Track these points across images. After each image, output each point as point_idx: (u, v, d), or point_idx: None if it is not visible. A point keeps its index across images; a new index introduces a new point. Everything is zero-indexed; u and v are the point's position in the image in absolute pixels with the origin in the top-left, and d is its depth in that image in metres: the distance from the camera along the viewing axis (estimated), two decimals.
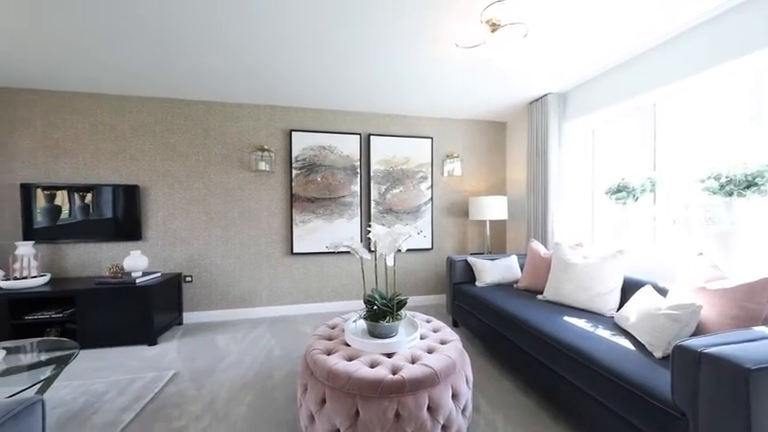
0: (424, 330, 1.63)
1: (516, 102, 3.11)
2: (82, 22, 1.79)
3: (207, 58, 2.22)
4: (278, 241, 3.19)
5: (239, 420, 1.58)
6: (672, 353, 1.04)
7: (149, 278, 2.60)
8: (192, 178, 3.01)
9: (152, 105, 2.92)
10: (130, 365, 2.15)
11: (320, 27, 1.86)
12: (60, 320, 2.41)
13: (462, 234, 3.65)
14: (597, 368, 1.33)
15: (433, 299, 3.57)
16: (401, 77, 2.53)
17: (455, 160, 3.48)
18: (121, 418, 1.57)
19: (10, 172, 2.70)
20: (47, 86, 2.68)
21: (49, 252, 2.75)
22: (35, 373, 1.39)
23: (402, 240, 1.48)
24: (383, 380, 1.18)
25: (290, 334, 2.69)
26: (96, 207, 2.79)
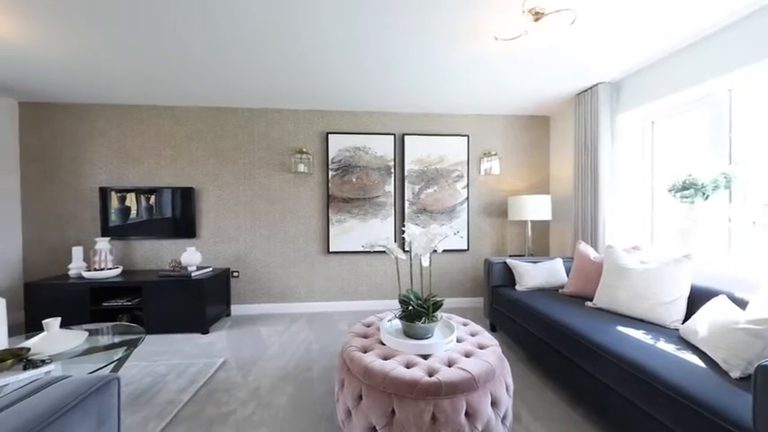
0: (460, 333, 1.59)
1: (561, 94, 2.91)
2: (146, 50, 2.06)
3: (251, 69, 2.38)
4: (315, 240, 3.31)
5: (281, 410, 1.67)
6: (754, 373, 0.90)
7: (202, 272, 2.85)
8: (239, 180, 3.23)
9: (204, 114, 3.19)
10: (187, 351, 2.37)
11: (360, 32, 1.90)
12: (130, 308, 2.73)
13: (500, 235, 3.50)
14: (659, 385, 1.20)
15: (468, 301, 3.47)
16: (439, 75, 2.49)
17: (493, 158, 3.35)
18: (180, 399, 1.73)
19: (91, 177, 3.11)
20: (119, 101, 3.05)
21: (121, 247, 3.12)
22: (110, 353, 1.58)
23: (438, 241, 1.46)
24: (419, 381, 1.17)
25: (327, 330, 2.78)
26: (158, 207, 3.12)
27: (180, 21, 1.80)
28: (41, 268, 3.06)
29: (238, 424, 1.55)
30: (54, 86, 2.70)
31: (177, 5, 1.66)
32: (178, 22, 1.81)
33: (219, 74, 2.48)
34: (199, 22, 1.82)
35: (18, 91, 2.80)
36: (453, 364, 1.31)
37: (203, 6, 1.67)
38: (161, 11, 1.72)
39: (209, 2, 1.64)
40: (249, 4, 1.66)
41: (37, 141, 3.06)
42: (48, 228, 3.08)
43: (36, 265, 3.07)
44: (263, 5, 1.67)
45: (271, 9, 1.70)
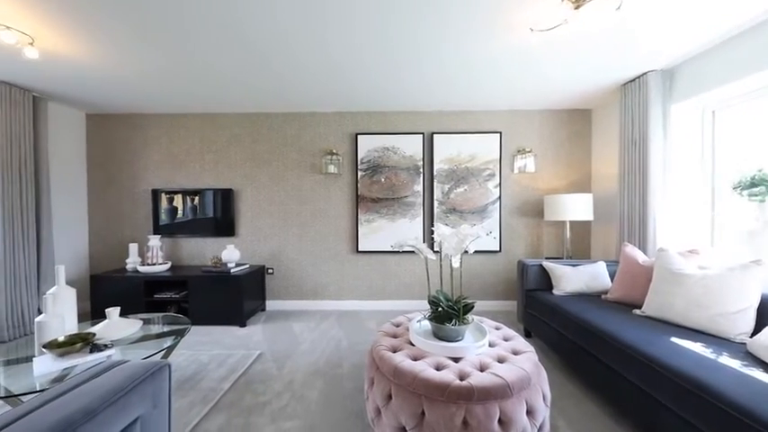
0: (493, 338, 1.54)
1: (605, 85, 2.71)
2: (191, 67, 2.22)
3: (285, 77, 2.49)
4: (345, 240, 3.38)
5: (312, 403, 1.72)
6: None
7: (241, 269, 3.02)
8: (274, 182, 3.38)
9: (242, 120, 3.38)
10: (226, 342, 2.52)
11: (391, 31, 1.90)
12: (177, 300, 2.97)
13: (535, 236, 3.33)
14: (723, 405, 1.07)
15: (500, 305, 3.34)
16: (472, 71, 2.42)
17: (528, 155, 3.20)
18: (221, 387, 1.85)
19: (144, 180, 3.42)
20: (168, 111, 3.32)
21: (169, 244, 3.40)
22: (160, 341, 1.73)
23: (470, 242, 1.42)
24: (450, 384, 1.15)
25: (356, 328, 2.82)
26: (201, 208, 3.35)
27: (221, 41, 1.95)
28: (104, 262, 3.43)
29: (273, 414, 1.62)
30: (114, 100, 3.01)
31: (217, 31, 1.78)
32: (220, 42, 1.97)
33: (256, 83, 2.63)
34: (236, 41, 1.96)
35: (85, 104, 3.15)
36: (486, 368, 1.27)
37: (240, 26, 1.78)
38: (205, 35, 1.87)
39: (246, 22, 1.74)
40: (285, 24, 1.73)
41: (100, 149, 3.43)
42: (109, 226, 3.44)
43: (99, 260, 3.44)
44: (296, 20, 1.73)
45: (304, 21, 1.76)
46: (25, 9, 1.67)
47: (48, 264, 2.83)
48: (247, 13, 1.73)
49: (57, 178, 3.08)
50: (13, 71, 2.39)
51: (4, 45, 1.93)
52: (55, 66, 2.31)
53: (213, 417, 1.60)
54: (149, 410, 0.77)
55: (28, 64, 2.25)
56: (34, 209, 2.76)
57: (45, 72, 2.41)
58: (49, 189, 2.88)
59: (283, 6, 1.67)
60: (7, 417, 0.60)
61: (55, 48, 2.06)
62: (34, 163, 2.76)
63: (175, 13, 1.74)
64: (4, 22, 1.75)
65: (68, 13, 1.72)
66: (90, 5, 1.66)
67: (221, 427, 1.53)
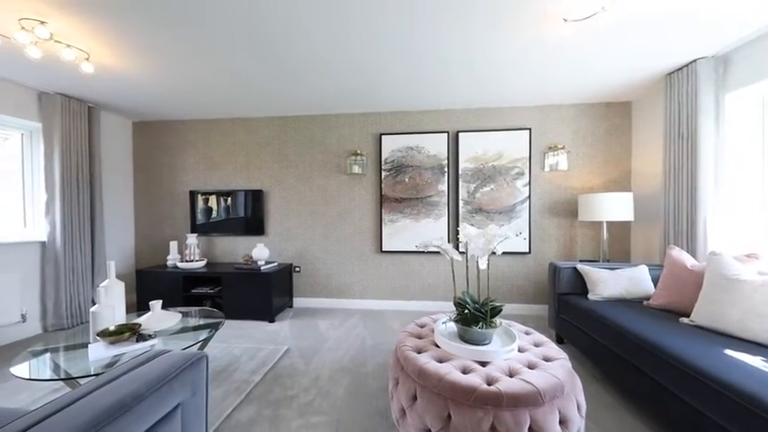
0: (522, 343, 1.48)
1: (647, 75, 2.52)
2: (227, 77, 2.33)
3: (311, 81, 2.55)
4: (369, 239, 3.40)
5: (338, 400, 1.75)
6: None
7: (270, 266, 3.14)
8: (300, 182, 3.48)
9: (271, 123, 3.51)
10: (257, 336, 2.63)
11: (416, 31, 1.89)
12: (212, 295, 3.14)
13: (568, 237, 3.17)
14: None
15: (530, 309, 3.21)
16: (500, 65, 2.34)
17: (560, 152, 3.05)
18: (252, 379, 1.93)
19: (183, 183, 3.65)
20: (204, 116, 3.53)
21: (205, 242, 3.61)
22: (197, 333, 1.83)
23: (497, 242, 1.37)
24: (477, 388, 1.12)
25: (380, 327, 2.84)
26: (234, 208, 3.52)
27: (253, 52, 2.05)
28: (148, 258, 3.70)
29: (301, 408, 1.67)
30: (157, 108, 3.24)
31: (250, 43, 1.87)
32: (252, 53, 2.08)
33: (284, 88, 2.73)
34: (267, 51, 2.05)
35: (132, 113, 3.42)
36: (515, 374, 1.23)
37: (270, 38, 1.85)
38: (239, 48, 1.98)
39: (275, 34, 1.81)
40: (310, 31, 1.78)
41: (144, 154, 3.71)
42: (152, 225, 3.71)
43: (144, 256, 3.72)
44: (322, 27, 1.77)
45: (328, 27, 1.79)
46: (83, 28, 1.85)
47: (100, 259, 3.11)
48: (277, 26, 1.80)
49: (107, 181, 3.37)
50: (71, 84, 2.65)
51: (65, 61, 2.14)
52: (107, 78, 2.53)
53: (245, 408, 1.67)
54: (189, 398, 0.82)
55: (84, 77, 2.48)
56: (89, 210, 3.04)
57: (98, 84, 2.65)
58: (101, 192, 3.15)
59: (310, 17, 1.72)
60: (68, 397, 0.66)
61: (107, 62, 2.25)
62: (89, 168, 3.04)
63: (213, 29, 1.85)
64: (66, 41, 1.94)
65: (120, 31, 1.88)
66: (140, 25, 1.80)
67: (252, 418, 1.60)
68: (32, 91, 2.73)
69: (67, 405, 0.63)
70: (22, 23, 1.74)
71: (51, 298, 2.77)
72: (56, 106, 2.76)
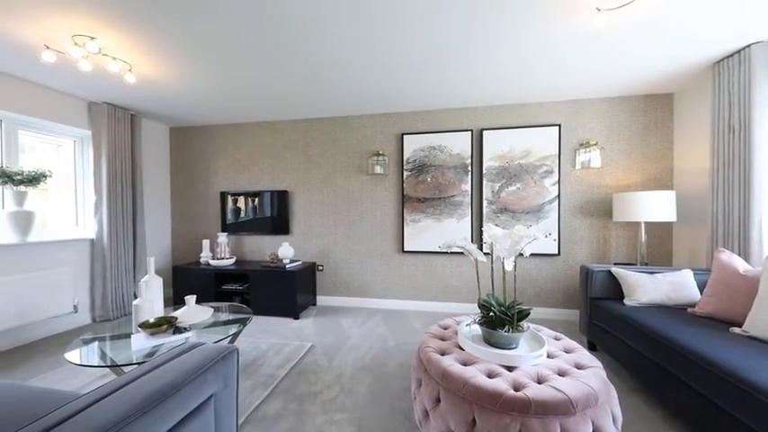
0: (552, 348, 1.42)
1: (691, 64, 2.33)
2: (256, 82, 2.43)
3: (336, 84, 2.58)
4: (390, 239, 3.41)
5: (360, 398, 1.76)
6: None
7: (295, 265, 3.23)
8: (324, 183, 3.55)
9: (296, 126, 3.61)
10: (282, 332, 2.71)
11: (439, 27, 1.87)
12: (241, 292, 3.28)
13: (601, 239, 2.99)
14: None
15: (559, 313, 3.07)
16: (527, 61, 2.26)
17: (592, 149, 2.89)
18: (278, 373, 1.99)
19: (214, 184, 3.84)
20: (234, 121, 3.69)
21: (234, 241, 3.77)
22: (227, 327, 1.92)
23: (525, 244, 1.32)
24: (503, 394, 1.09)
25: (401, 327, 2.83)
26: (260, 208, 3.66)
27: (280, 60, 2.10)
28: (183, 255, 3.93)
29: (324, 404, 1.70)
30: (192, 114, 3.43)
31: (277, 52, 1.93)
32: (279, 61, 2.13)
33: (309, 91, 2.79)
34: (292, 57, 2.09)
35: (169, 119, 3.65)
36: (544, 381, 1.18)
37: (294, 46, 1.90)
38: (268, 58, 2.04)
39: (300, 41, 1.85)
40: (334, 39, 1.80)
41: (180, 157, 3.94)
42: (186, 224, 3.94)
43: (179, 253, 3.95)
44: (345, 31, 1.79)
45: (352, 31, 1.81)
46: (127, 41, 1.99)
47: (141, 256, 3.34)
48: (303, 32, 1.85)
49: (147, 184, 3.62)
50: (116, 94, 2.87)
51: (111, 73, 2.32)
52: (147, 88, 2.71)
53: (271, 401, 1.73)
54: (221, 389, 0.86)
55: (127, 87, 2.68)
56: (131, 210, 3.27)
57: (139, 93, 2.84)
58: (142, 193, 3.39)
59: (335, 20, 1.75)
60: (115, 383, 0.72)
61: (147, 72, 2.42)
62: (131, 171, 3.28)
63: (243, 40, 1.93)
64: (112, 54, 2.10)
65: (159, 44, 2.01)
66: (177, 38, 1.91)
67: (278, 411, 1.65)
68: (83, 101, 2.98)
69: (115, 390, 0.68)
70: (75, 39, 1.90)
71: (99, 291, 3.01)
72: (103, 115, 3.00)
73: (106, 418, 0.58)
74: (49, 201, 2.89)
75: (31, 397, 0.97)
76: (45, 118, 2.69)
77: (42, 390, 1.03)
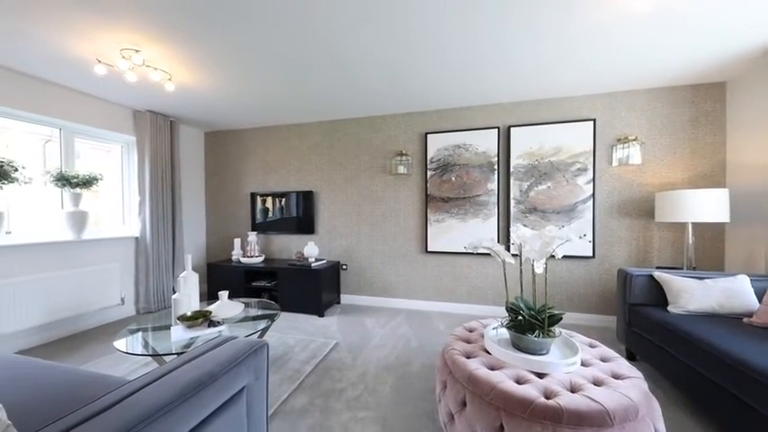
0: (586, 356, 1.35)
1: (748, 48, 2.11)
2: (287, 86, 2.51)
3: (365, 84, 2.61)
4: (413, 239, 3.39)
5: (384, 397, 1.77)
6: None
7: (320, 263, 3.30)
8: (348, 183, 3.60)
9: (321, 128, 3.68)
10: (307, 329, 2.79)
11: (479, 21, 1.82)
12: (269, 288, 3.40)
13: (641, 241, 2.79)
14: None
15: (592, 319, 2.90)
16: (559, 51, 2.14)
17: (632, 144, 2.70)
18: (304, 369, 2.05)
19: (245, 185, 4.01)
20: (263, 124, 3.84)
21: (263, 240, 3.92)
22: (257, 323, 1.99)
23: (557, 245, 1.26)
24: (534, 401, 1.04)
25: (425, 328, 2.80)
26: (287, 208, 3.77)
27: (313, 60, 2.15)
28: (217, 253, 4.15)
29: (349, 402, 1.72)
30: (224, 119, 3.61)
31: (310, 52, 1.98)
32: (312, 62, 2.18)
33: (339, 91, 2.83)
34: (330, 59, 2.15)
35: (204, 124, 3.86)
36: (577, 390, 1.12)
37: (324, 46, 1.94)
38: (300, 59, 2.09)
39: (329, 41, 1.89)
40: (372, 44, 1.82)
41: (213, 160, 4.16)
42: (220, 223, 4.15)
43: (213, 251, 4.18)
44: (381, 35, 1.81)
45: (389, 36, 1.82)
46: (167, 53, 2.14)
47: (180, 253, 3.56)
48: (335, 33, 1.88)
49: (184, 185, 3.85)
50: (157, 102, 3.08)
51: (153, 82, 2.49)
52: (184, 95, 2.89)
53: (298, 395, 1.78)
54: (253, 381, 0.89)
55: (167, 95, 2.87)
56: (171, 210, 3.50)
57: (177, 101, 3.04)
58: (180, 194, 3.61)
59: (370, 23, 1.77)
60: (159, 372, 0.77)
61: (185, 81, 2.57)
62: (171, 174, 3.51)
63: (274, 48, 2.01)
64: (154, 65, 2.26)
65: (195, 54, 2.13)
66: (212, 47, 2.02)
67: (305, 405, 1.69)
68: (128, 110, 3.23)
69: (158, 378, 0.73)
70: (122, 53, 2.07)
71: (142, 285, 3.25)
72: (146, 122, 3.24)
73: (153, 403, 0.62)
74: (99, 201, 3.17)
75: (86, 381, 1.06)
76: (97, 126, 2.95)
77: (96, 374, 1.13)
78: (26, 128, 2.61)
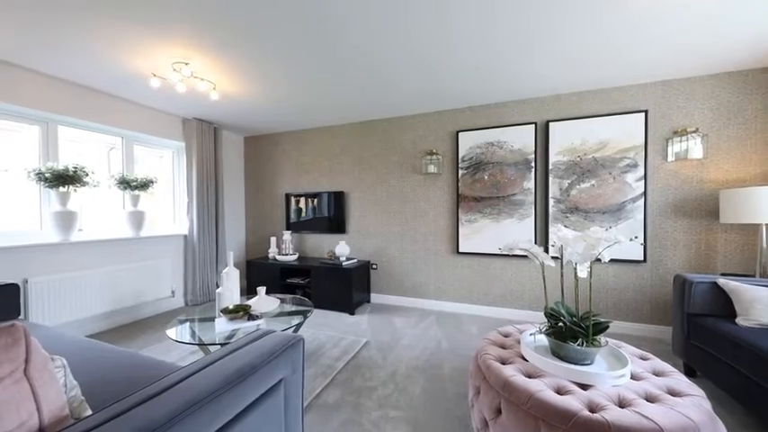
0: (637, 369, 1.24)
1: None
2: (319, 92, 2.58)
3: (399, 84, 2.61)
4: (444, 240, 3.33)
5: (415, 398, 1.75)
6: None
7: (350, 262, 3.36)
8: (377, 184, 3.63)
9: (352, 129, 3.75)
10: (339, 327, 2.85)
11: (532, 10, 1.77)
12: (303, 286, 3.53)
13: (703, 244, 2.50)
14: None
15: (643, 329, 2.65)
16: (606, 37, 1.98)
17: (691, 137, 2.43)
18: (336, 365, 2.10)
19: (280, 186, 4.20)
20: (296, 128, 3.99)
21: (296, 238, 4.08)
22: (291, 318, 2.07)
23: (604, 248, 1.17)
24: (577, 414, 0.98)
25: (456, 331, 2.74)
26: (319, 208, 3.89)
27: (345, 66, 2.21)
28: (255, 250, 4.39)
29: (380, 400, 1.74)
30: (262, 125, 3.81)
31: (345, 54, 2.03)
32: (347, 63, 2.23)
33: (370, 92, 2.86)
34: (365, 60, 2.18)
35: (244, 130, 4.10)
36: (627, 405, 1.03)
37: (358, 50, 1.97)
38: (334, 63, 2.15)
39: (365, 45, 1.92)
40: (418, 43, 1.83)
41: (252, 163, 4.40)
42: (257, 223, 4.38)
43: (252, 249, 4.42)
44: (427, 33, 1.80)
45: (436, 34, 1.81)
46: (213, 64, 2.30)
47: (222, 250, 3.82)
48: (380, 33, 1.90)
49: (226, 187, 4.11)
50: (202, 110, 3.32)
51: (200, 92, 2.69)
52: (227, 103, 3.09)
53: (330, 390, 1.83)
54: (290, 374, 0.93)
55: (211, 104, 3.09)
56: (214, 210, 3.76)
57: (220, 109, 3.25)
58: (222, 195, 3.87)
59: (418, 23, 1.77)
60: (205, 360, 0.83)
61: (228, 90, 2.75)
62: (215, 176, 3.77)
63: (312, 54, 2.08)
64: (200, 76, 2.44)
65: (237, 65, 2.27)
66: (253, 58, 2.14)
67: (337, 401, 1.73)
68: (178, 118, 3.52)
69: (206, 366, 0.79)
70: (173, 66, 2.25)
71: (190, 279, 3.53)
72: (193, 129, 3.51)
73: (203, 389, 0.67)
74: (154, 202, 3.48)
75: (145, 365, 1.18)
76: (152, 134, 3.25)
77: (152, 359, 1.25)
78: (94, 137, 2.94)
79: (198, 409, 0.63)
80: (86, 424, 0.57)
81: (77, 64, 2.30)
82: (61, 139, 2.66)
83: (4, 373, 0.56)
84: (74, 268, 2.60)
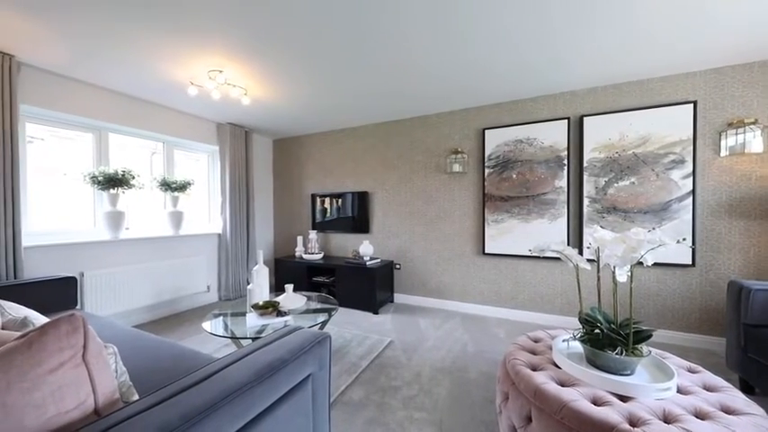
0: (684, 382, 1.14)
1: None
2: (339, 95, 2.64)
3: (414, 79, 2.59)
4: (470, 240, 3.25)
5: (440, 401, 1.73)
6: None
7: (374, 262, 3.38)
8: (401, 184, 3.62)
9: (376, 129, 3.77)
10: (363, 325, 2.87)
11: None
12: (328, 284, 3.60)
13: (762, 248, 2.26)
14: None
15: (691, 339, 2.44)
16: (651, 23, 1.84)
17: (749, 129, 2.19)
18: (361, 363, 2.12)
19: (306, 187, 4.32)
20: (321, 130, 4.08)
21: (322, 238, 4.17)
22: (317, 315, 2.12)
23: (647, 251, 1.09)
24: (616, 427, 0.92)
25: (482, 334, 2.67)
26: (343, 208, 3.95)
27: (370, 69, 2.23)
28: (282, 249, 4.54)
29: (405, 401, 1.73)
30: (290, 127, 3.94)
31: (371, 56, 2.05)
32: (373, 64, 2.25)
33: (400, 93, 2.86)
34: (384, 65, 2.19)
35: (272, 132, 4.26)
36: (672, 421, 0.96)
37: (382, 51, 1.98)
38: (357, 63, 2.17)
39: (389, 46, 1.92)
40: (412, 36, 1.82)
41: (280, 165, 4.55)
42: (285, 222, 4.53)
43: (280, 247, 4.58)
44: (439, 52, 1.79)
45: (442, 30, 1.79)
46: (244, 71, 2.41)
47: (253, 248, 3.99)
48: (410, 33, 1.89)
49: (256, 188, 4.29)
50: (235, 115, 3.49)
51: (232, 98, 2.83)
52: (257, 108, 3.22)
53: (355, 388, 1.85)
54: (317, 370, 0.95)
55: (242, 108, 3.23)
56: (245, 210, 3.94)
57: (251, 113, 3.40)
58: (253, 196, 4.04)
59: (468, 24, 1.76)
60: (239, 353, 0.87)
61: (258, 95, 2.87)
62: (246, 178, 3.94)
63: (338, 58, 2.12)
64: (233, 83, 2.57)
65: (267, 70, 2.36)
66: (281, 65, 2.22)
67: (362, 399, 1.75)
68: (213, 123, 3.72)
69: (239, 359, 0.83)
70: (209, 74, 2.39)
71: (223, 275, 3.72)
72: (226, 133, 3.69)
73: (237, 380, 0.71)
74: (192, 203, 3.71)
75: (185, 355, 1.26)
76: (190, 138, 3.46)
77: (191, 350, 1.33)
78: (139, 143, 3.18)
79: (233, 399, 0.67)
80: (136, 407, 0.62)
81: (125, 75, 2.50)
82: (111, 145, 2.91)
83: (65, 358, 0.62)
84: (122, 263, 2.84)
